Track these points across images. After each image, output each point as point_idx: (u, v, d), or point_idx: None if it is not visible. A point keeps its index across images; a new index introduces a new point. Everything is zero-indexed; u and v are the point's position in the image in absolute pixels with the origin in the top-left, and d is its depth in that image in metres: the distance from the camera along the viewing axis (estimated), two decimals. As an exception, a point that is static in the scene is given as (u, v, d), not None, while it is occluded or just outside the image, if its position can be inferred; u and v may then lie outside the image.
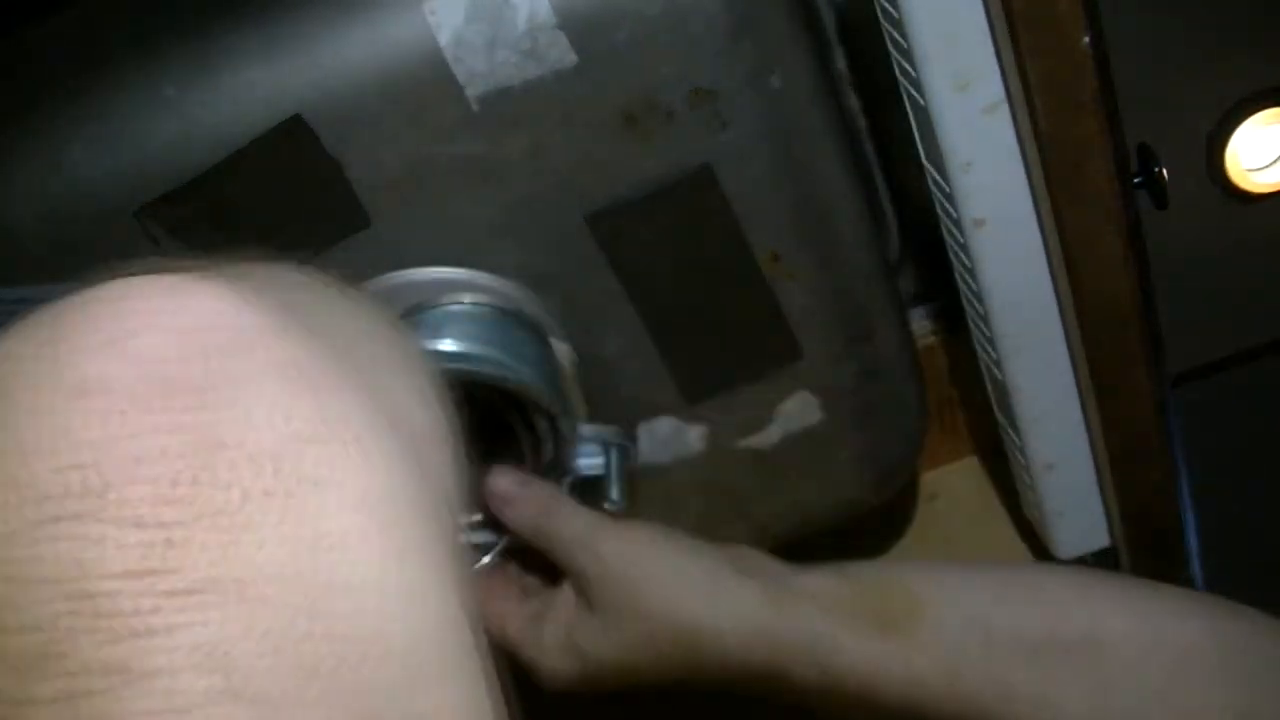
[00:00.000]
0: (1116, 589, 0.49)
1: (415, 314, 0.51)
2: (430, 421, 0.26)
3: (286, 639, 0.20)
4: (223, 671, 0.19)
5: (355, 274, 0.51)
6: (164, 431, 0.20)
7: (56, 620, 0.19)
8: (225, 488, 0.20)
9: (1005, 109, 0.52)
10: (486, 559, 0.54)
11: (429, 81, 0.49)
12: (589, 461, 0.55)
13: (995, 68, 0.51)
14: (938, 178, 0.56)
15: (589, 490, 0.55)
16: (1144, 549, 0.62)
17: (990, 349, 0.60)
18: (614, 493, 0.54)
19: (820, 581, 0.50)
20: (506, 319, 0.52)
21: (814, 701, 0.49)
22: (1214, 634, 0.45)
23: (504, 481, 0.52)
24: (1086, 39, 0.49)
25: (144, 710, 0.18)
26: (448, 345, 0.50)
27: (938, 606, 0.48)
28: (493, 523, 0.53)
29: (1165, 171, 0.54)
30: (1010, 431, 0.63)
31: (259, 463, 0.21)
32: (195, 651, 0.19)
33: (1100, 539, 0.64)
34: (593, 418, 0.56)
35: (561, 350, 0.54)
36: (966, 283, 0.59)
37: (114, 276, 0.23)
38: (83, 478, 0.20)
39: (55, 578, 0.19)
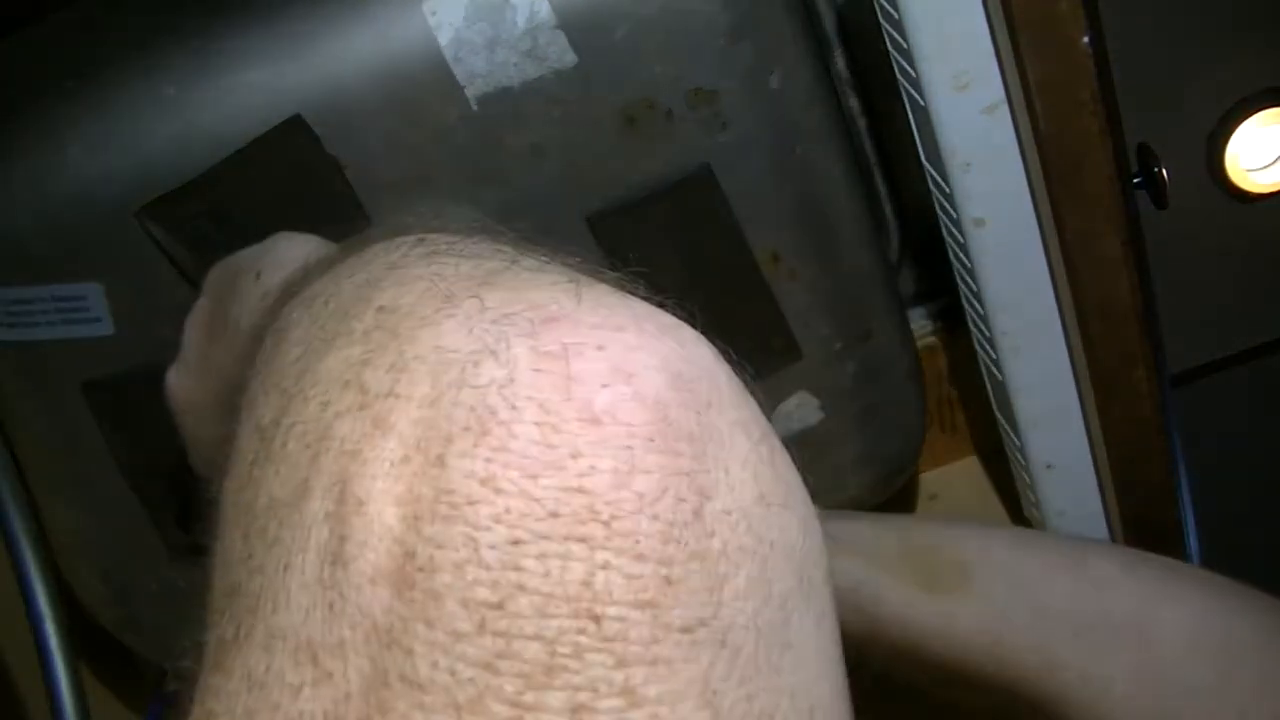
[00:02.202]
0: (1164, 574, 0.48)
1: None
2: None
3: (755, 686, 0.21)
4: (712, 709, 0.20)
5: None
6: (668, 473, 0.21)
7: (565, 635, 0.19)
8: (710, 536, 0.21)
9: (1005, 109, 0.52)
10: None
11: (429, 81, 0.49)
12: None
13: (995, 68, 0.51)
14: (937, 178, 0.56)
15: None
16: (1144, 549, 0.62)
17: (990, 349, 0.60)
18: None
19: (868, 531, 0.50)
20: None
21: (852, 649, 0.49)
22: (1263, 632, 0.45)
23: None
24: (1086, 39, 0.49)
25: None
26: None
27: (986, 569, 0.48)
28: None
29: (1165, 171, 0.54)
30: (1010, 431, 0.63)
31: (735, 517, 0.21)
32: (691, 686, 0.20)
33: (1100, 539, 0.64)
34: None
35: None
36: (966, 283, 0.59)
37: (589, 285, 0.23)
38: (589, 503, 0.20)
39: (564, 595, 0.19)
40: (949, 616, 0.47)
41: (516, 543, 0.20)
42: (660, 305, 0.24)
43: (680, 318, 0.24)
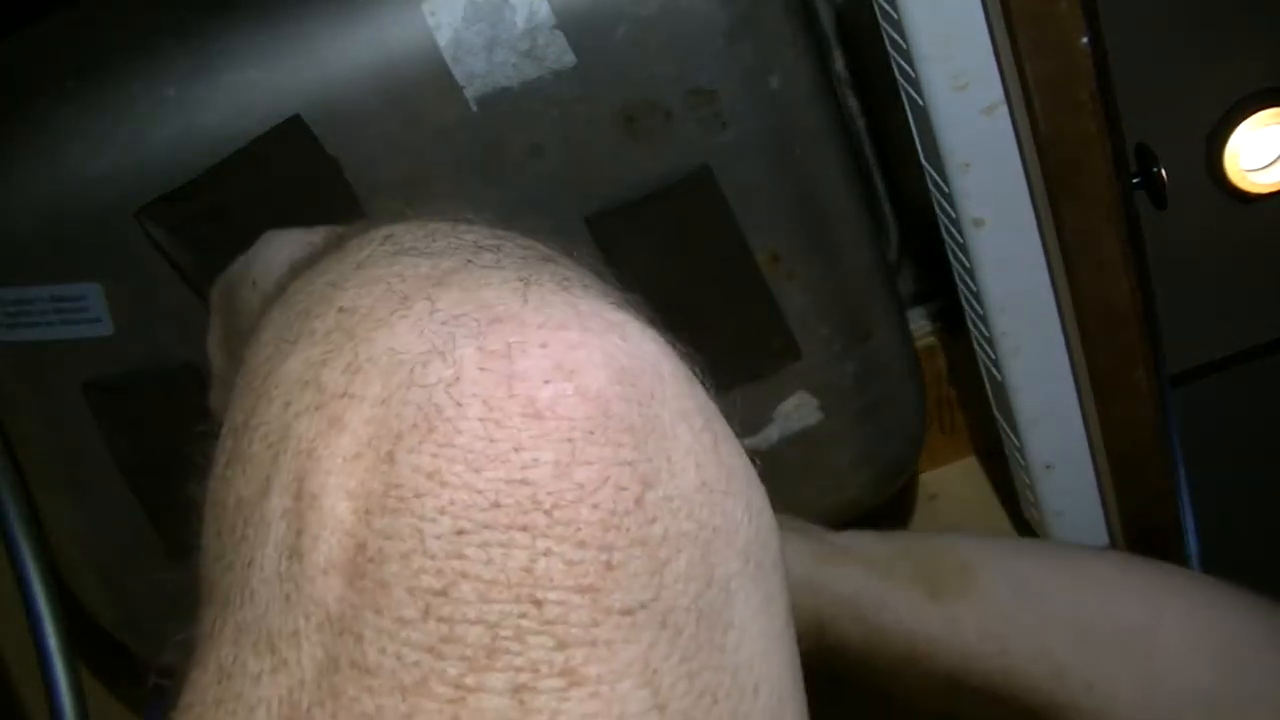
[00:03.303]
0: (1161, 577, 0.48)
1: None
2: None
3: (696, 665, 0.22)
4: (652, 687, 0.21)
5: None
6: (609, 464, 0.22)
7: (506, 620, 0.20)
8: (651, 522, 0.22)
9: (1004, 109, 0.52)
10: None
11: (428, 82, 0.49)
12: None
13: (994, 68, 0.51)
14: (937, 178, 0.56)
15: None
16: (1144, 549, 0.62)
17: (990, 349, 0.60)
18: None
19: (867, 541, 0.50)
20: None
21: (854, 661, 0.49)
22: (1262, 634, 0.45)
23: None
24: (1086, 39, 0.49)
25: (588, 713, 0.20)
26: None
27: (989, 575, 0.48)
28: None
29: (1165, 171, 0.54)
30: (1010, 431, 0.63)
31: (676, 505, 0.22)
32: (631, 665, 0.21)
33: (1100, 539, 0.64)
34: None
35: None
36: (966, 283, 0.59)
37: (541, 287, 0.24)
38: (532, 494, 0.21)
39: (506, 581, 0.20)
40: (954, 622, 0.47)
41: (460, 533, 0.21)
42: (621, 301, 0.25)
43: (632, 310, 0.25)
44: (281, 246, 0.38)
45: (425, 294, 0.23)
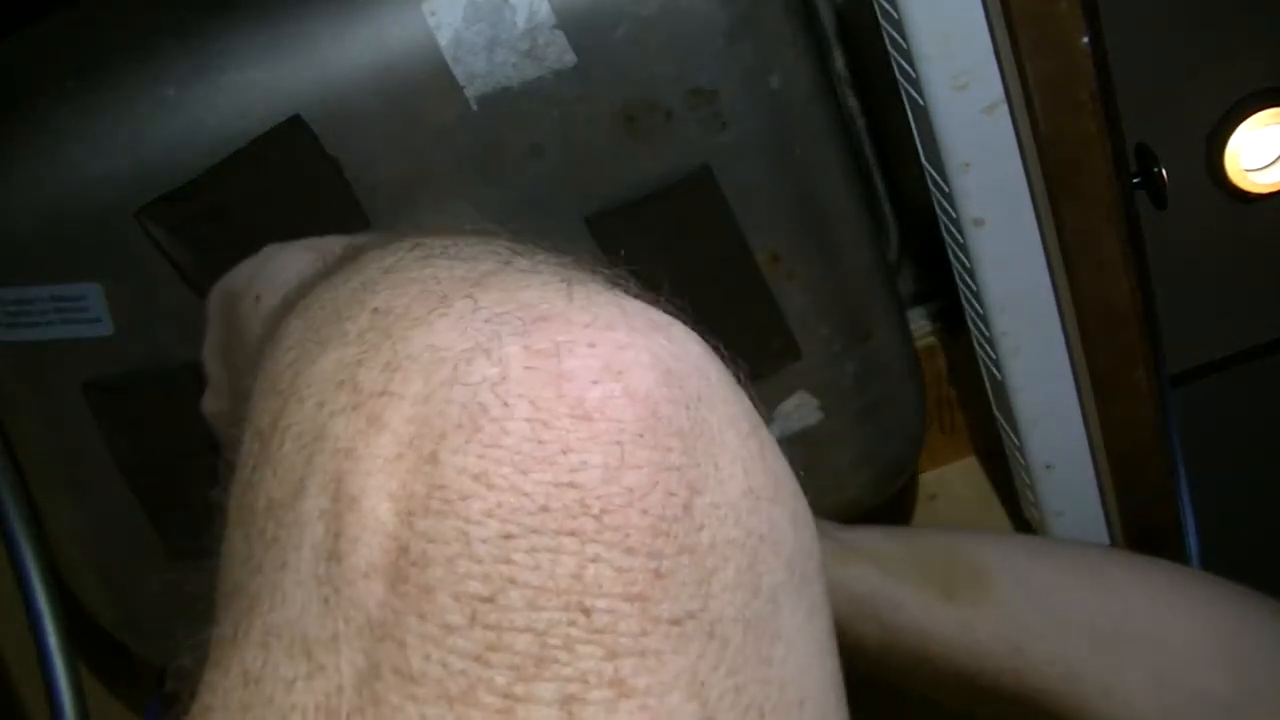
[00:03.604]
0: (1175, 580, 0.48)
1: None
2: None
3: (744, 678, 0.21)
4: (700, 700, 0.20)
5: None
6: (658, 468, 0.21)
7: (555, 628, 0.20)
8: (699, 529, 0.21)
9: (1004, 109, 0.52)
10: None
11: (429, 81, 0.49)
12: None
13: (995, 68, 0.51)
14: (937, 178, 0.56)
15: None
16: (1144, 549, 0.62)
17: (990, 349, 0.60)
18: None
19: (881, 540, 0.49)
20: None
21: (869, 660, 0.48)
22: (1275, 639, 0.45)
23: None
24: (1086, 39, 0.49)
25: None
26: None
27: (1004, 578, 0.48)
28: None
29: (1165, 171, 0.54)
30: (1010, 431, 0.63)
31: (724, 512, 0.22)
32: (680, 677, 0.20)
33: (1100, 539, 0.64)
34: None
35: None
36: (966, 283, 0.59)
37: (586, 286, 0.24)
38: (580, 497, 0.20)
39: (554, 588, 0.20)
40: (968, 625, 0.47)
41: (508, 537, 0.20)
42: (653, 302, 0.25)
43: (672, 314, 0.25)
44: (287, 262, 0.38)
45: (465, 293, 0.23)
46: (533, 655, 0.19)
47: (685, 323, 0.25)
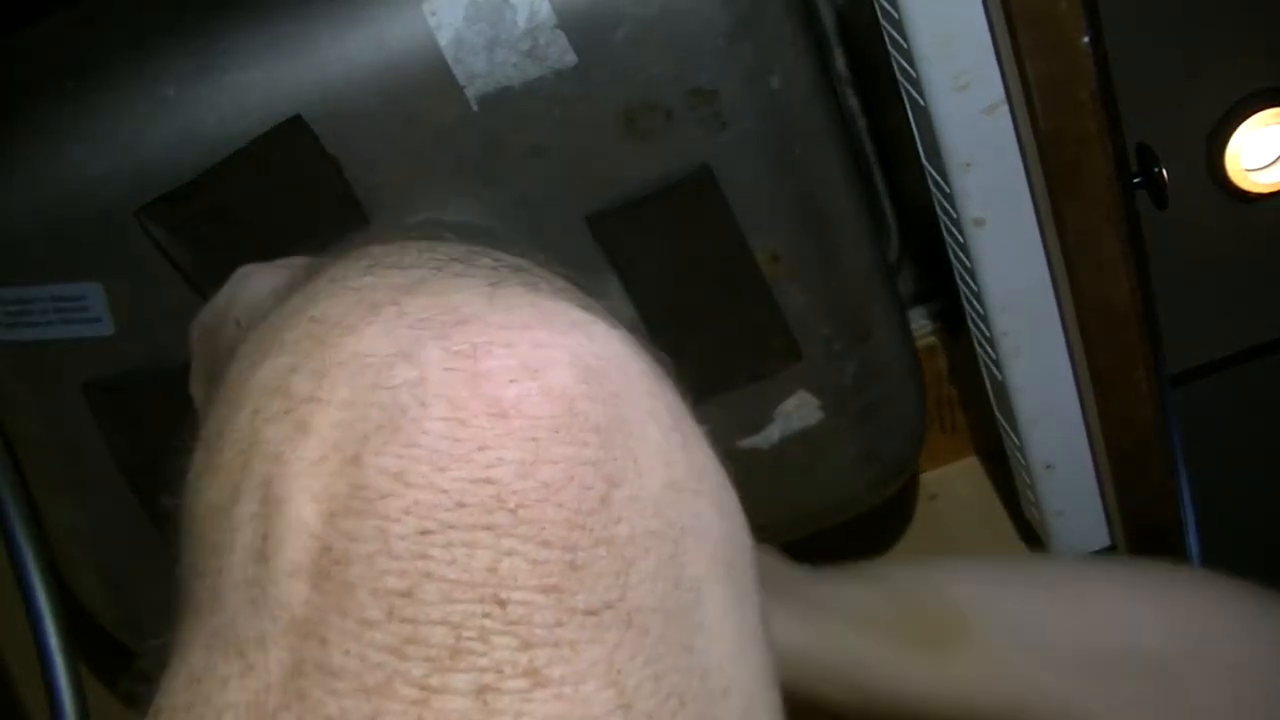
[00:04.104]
0: (1167, 591, 0.47)
1: None
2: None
3: (663, 666, 0.21)
4: (617, 688, 0.21)
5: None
6: (575, 463, 0.22)
7: (470, 620, 0.20)
8: (617, 522, 0.22)
9: (1005, 109, 0.52)
10: None
11: (429, 81, 0.49)
12: None
13: (995, 68, 0.51)
14: (937, 178, 0.56)
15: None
16: (1144, 549, 0.62)
17: (990, 349, 0.60)
18: None
19: (852, 593, 0.47)
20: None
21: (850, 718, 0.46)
22: (1272, 641, 0.45)
23: None
24: (1086, 38, 0.49)
25: (551, 714, 0.20)
26: None
27: (985, 620, 0.46)
28: None
29: (1165, 171, 0.54)
30: (1010, 431, 0.63)
31: (644, 504, 0.22)
32: (596, 666, 0.21)
33: (1100, 539, 0.64)
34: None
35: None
36: (966, 283, 0.59)
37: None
38: (496, 493, 0.21)
39: (470, 581, 0.20)
40: (948, 677, 0.45)
41: (425, 533, 0.21)
42: (588, 304, 0.25)
43: (601, 314, 0.25)
44: (264, 281, 0.38)
45: (394, 300, 0.24)
46: (448, 647, 0.20)
47: (619, 323, 0.25)
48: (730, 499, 0.25)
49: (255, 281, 0.39)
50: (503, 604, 0.20)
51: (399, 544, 0.21)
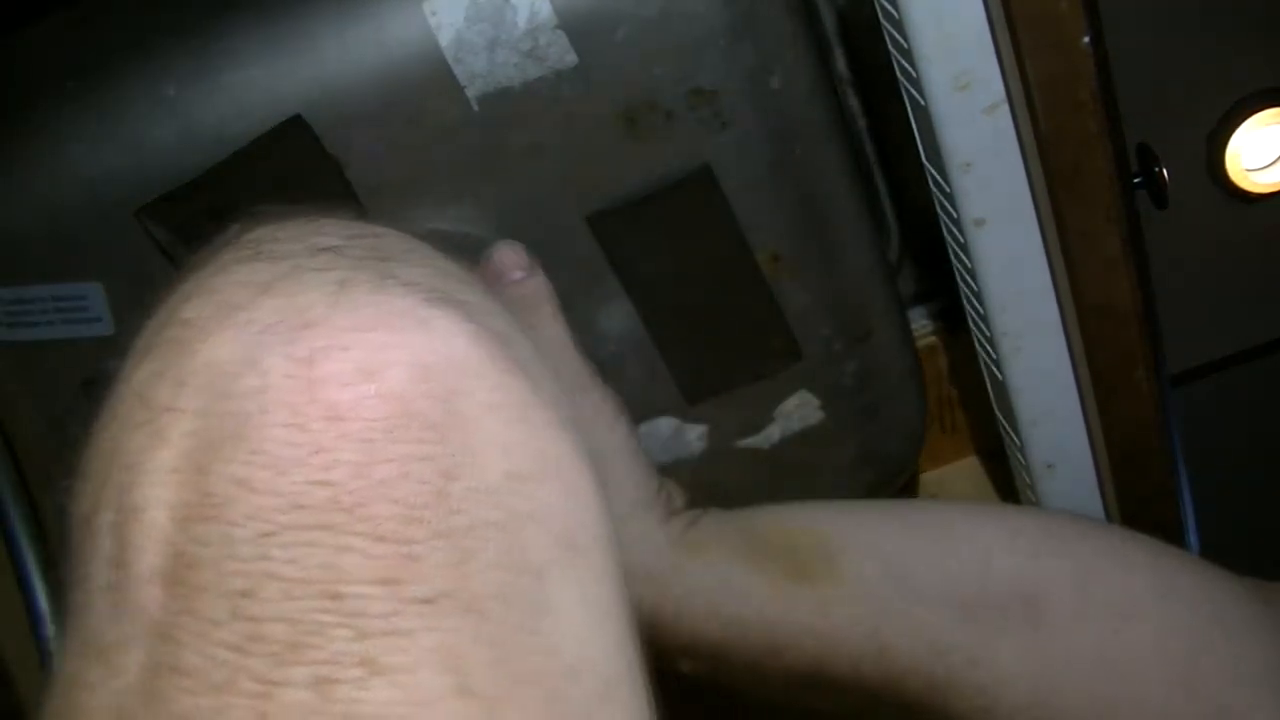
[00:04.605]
0: (1046, 535, 0.45)
1: None
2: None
3: (506, 649, 0.22)
4: (455, 672, 0.21)
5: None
6: (410, 460, 0.23)
7: (309, 614, 0.21)
8: (455, 514, 0.23)
9: (1005, 109, 0.52)
10: None
11: (429, 82, 0.49)
12: None
13: (995, 68, 0.51)
14: (938, 178, 0.56)
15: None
16: (1144, 549, 0.62)
17: (990, 349, 0.60)
18: None
19: (722, 525, 0.46)
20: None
21: (704, 662, 0.45)
22: (1156, 589, 0.43)
23: None
24: (1086, 39, 0.49)
25: (388, 700, 0.21)
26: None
27: (856, 553, 0.44)
28: None
29: (1165, 171, 0.54)
30: (1010, 431, 0.63)
31: (482, 495, 0.23)
32: (433, 653, 0.21)
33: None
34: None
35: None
36: (966, 283, 0.59)
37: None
38: (333, 494, 0.22)
39: (308, 578, 0.21)
40: (819, 608, 0.43)
41: (266, 535, 0.22)
42: (448, 295, 0.26)
43: (460, 300, 0.26)
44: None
45: (250, 302, 0.24)
46: (288, 642, 0.21)
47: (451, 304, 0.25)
48: (583, 480, 0.25)
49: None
50: (339, 598, 0.21)
51: (242, 547, 0.22)
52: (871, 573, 0.44)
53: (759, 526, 0.46)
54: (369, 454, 0.22)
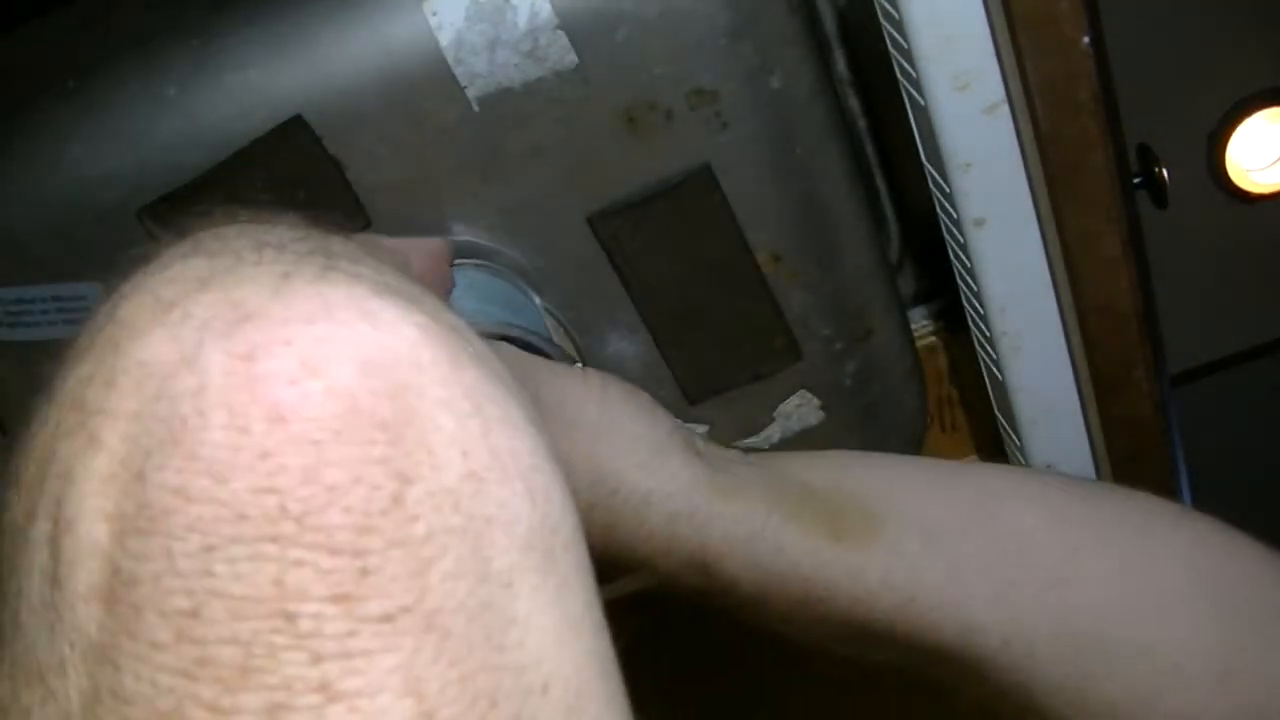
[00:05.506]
0: (1095, 516, 0.45)
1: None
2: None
3: (469, 668, 0.21)
4: (416, 695, 0.20)
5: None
6: (359, 463, 0.21)
7: (259, 636, 0.19)
8: (412, 521, 0.21)
9: (1005, 109, 0.52)
10: None
11: (429, 82, 0.49)
12: None
13: (995, 68, 0.51)
14: (938, 178, 0.56)
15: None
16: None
17: (990, 349, 0.60)
18: None
19: (769, 473, 0.45)
20: (514, 289, 0.52)
21: (741, 604, 0.44)
22: (1195, 570, 0.43)
23: None
24: (1086, 39, 0.49)
25: None
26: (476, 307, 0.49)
27: (896, 521, 0.44)
28: None
29: (1165, 171, 0.54)
30: (1010, 431, 0.63)
31: (440, 499, 0.21)
32: (392, 675, 0.20)
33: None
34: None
35: (562, 351, 0.54)
36: (966, 283, 0.59)
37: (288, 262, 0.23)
38: (280, 502, 0.20)
39: (257, 596, 0.20)
40: (856, 572, 0.43)
41: (209, 549, 0.20)
42: (396, 287, 0.24)
43: (405, 294, 0.24)
44: None
45: (186, 297, 0.23)
46: (238, 666, 0.19)
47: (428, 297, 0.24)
48: (547, 480, 0.23)
49: None
50: (291, 618, 0.20)
51: (184, 562, 0.20)
52: (909, 543, 0.43)
53: (800, 476, 0.45)
54: (317, 457, 0.20)
